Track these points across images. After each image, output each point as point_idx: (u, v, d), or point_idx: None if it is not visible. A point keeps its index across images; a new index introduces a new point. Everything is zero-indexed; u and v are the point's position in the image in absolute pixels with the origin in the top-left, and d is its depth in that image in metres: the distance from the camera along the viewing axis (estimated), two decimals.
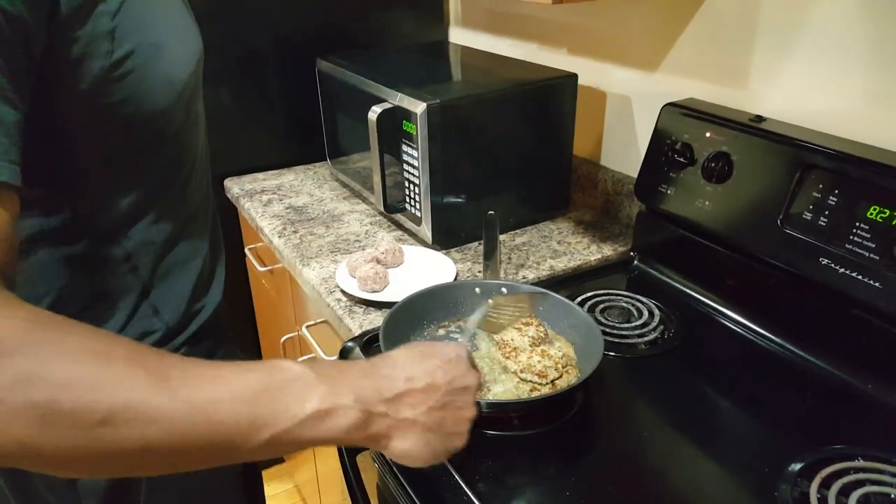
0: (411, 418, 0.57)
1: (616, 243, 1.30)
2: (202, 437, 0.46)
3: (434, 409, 0.58)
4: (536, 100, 1.30)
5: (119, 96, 0.64)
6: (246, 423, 0.47)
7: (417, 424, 0.57)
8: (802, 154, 0.94)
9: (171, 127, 0.73)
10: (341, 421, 0.52)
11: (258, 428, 0.48)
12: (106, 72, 0.62)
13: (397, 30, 1.79)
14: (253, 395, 0.48)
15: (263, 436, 0.48)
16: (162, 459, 0.47)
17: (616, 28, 1.33)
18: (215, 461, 0.48)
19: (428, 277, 1.15)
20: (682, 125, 1.11)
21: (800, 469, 0.75)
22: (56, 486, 0.77)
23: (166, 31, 0.68)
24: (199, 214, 0.85)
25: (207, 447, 0.47)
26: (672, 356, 0.97)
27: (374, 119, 1.23)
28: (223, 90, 1.61)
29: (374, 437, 0.55)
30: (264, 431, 0.48)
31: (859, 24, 0.93)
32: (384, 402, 0.55)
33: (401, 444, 0.56)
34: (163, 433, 0.45)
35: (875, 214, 0.86)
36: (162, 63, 0.67)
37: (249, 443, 0.48)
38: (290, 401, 0.49)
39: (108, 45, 0.61)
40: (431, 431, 0.58)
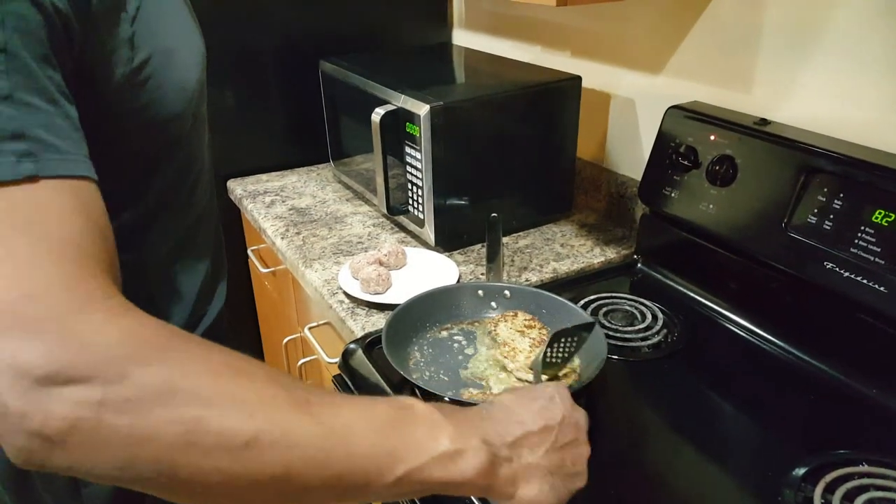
0: (534, 463, 0.55)
1: (619, 246, 1.29)
2: (340, 467, 0.44)
3: (552, 451, 0.57)
4: (540, 102, 1.29)
5: (140, 102, 0.64)
6: (383, 454, 0.46)
7: (540, 468, 0.55)
8: (807, 157, 0.94)
9: (181, 132, 0.74)
10: (472, 462, 0.50)
11: (394, 462, 0.46)
12: (127, 78, 0.62)
13: (400, 32, 1.79)
14: (388, 427, 0.47)
15: (398, 471, 0.46)
16: (297, 490, 0.44)
17: (620, 30, 1.33)
18: (344, 497, 0.46)
19: (431, 280, 1.15)
20: (686, 128, 1.10)
21: (804, 474, 0.75)
22: (61, 497, 0.77)
23: (176, 37, 0.69)
24: (204, 219, 0.85)
25: (343, 478, 0.44)
26: (675, 360, 0.97)
27: (377, 121, 1.23)
28: (226, 92, 1.61)
29: (500, 484, 0.53)
30: (399, 467, 0.46)
31: (867, 28, 0.93)
32: (507, 447, 0.54)
33: (528, 491, 0.54)
34: (304, 458, 0.43)
35: (880, 218, 0.85)
36: (175, 68, 0.68)
37: (384, 478, 0.46)
38: (421, 437, 0.48)
39: (129, 52, 0.61)
40: (553, 474, 0.56)
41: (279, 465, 0.42)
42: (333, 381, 0.97)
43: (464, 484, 0.50)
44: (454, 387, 0.88)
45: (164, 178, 0.74)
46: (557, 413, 0.59)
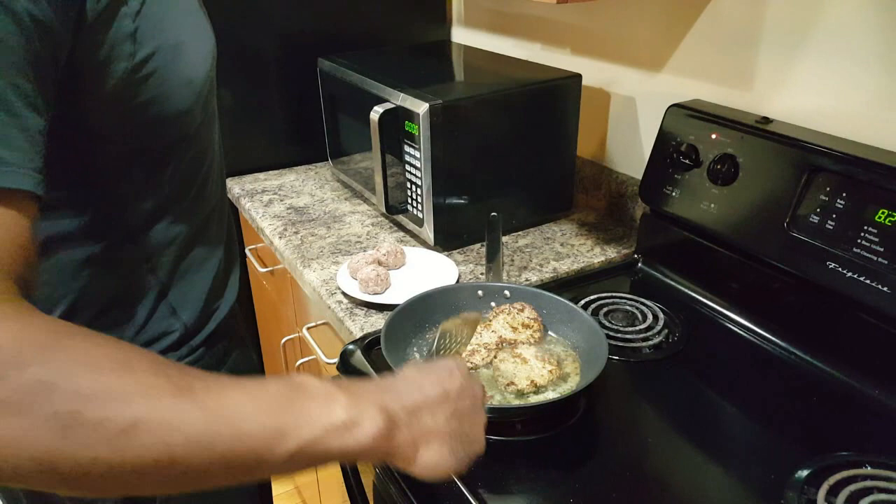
0: (434, 428, 0.56)
1: (620, 245, 1.29)
2: (227, 448, 0.44)
3: (451, 418, 0.58)
4: (540, 100, 1.29)
5: (143, 98, 0.64)
6: (272, 431, 0.46)
7: (440, 433, 0.56)
8: (809, 156, 0.93)
9: (191, 127, 0.73)
10: (368, 429, 0.50)
11: (284, 437, 0.46)
12: (129, 73, 0.62)
13: (399, 29, 1.78)
14: (278, 405, 0.47)
15: (289, 446, 0.46)
16: (184, 474, 0.44)
17: (620, 28, 1.32)
18: (239, 476, 0.46)
19: (430, 279, 1.14)
20: (687, 127, 1.10)
21: (807, 476, 0.74)
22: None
23: (185, 31, 0.68)
24: (216, 213, 0.84)
25: (232, 459, 0.45)
26: (676, 360, 0.96)
27: (375, 119, 1.23)
28: (224, 90, 1.60)
29: (400, 450, 0.54)
30: (290, 441, 0.46)
31: (868, 25, 0.92)
32: (405, 412, 0.54)
33: (428, 455, 0.55)
34: (187, 443, 0.43)
35: (883, 218, 0.85)
36: (182, 63, 0.67)
37: (275, 455, 0.46)
38: (314, 411, 0.48)
39: (131, 47, 0.61)
40: (453, 439, 0.58)
41: (160, 451, 0.42)
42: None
43: (363, 452, 0.50)
44: None
45: (175, 173, 0.74)
46: (455, 382, 0.60)
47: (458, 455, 0.58)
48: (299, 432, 0.47)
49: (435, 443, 0.56)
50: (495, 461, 0.79)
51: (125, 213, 0.72)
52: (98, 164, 0.67)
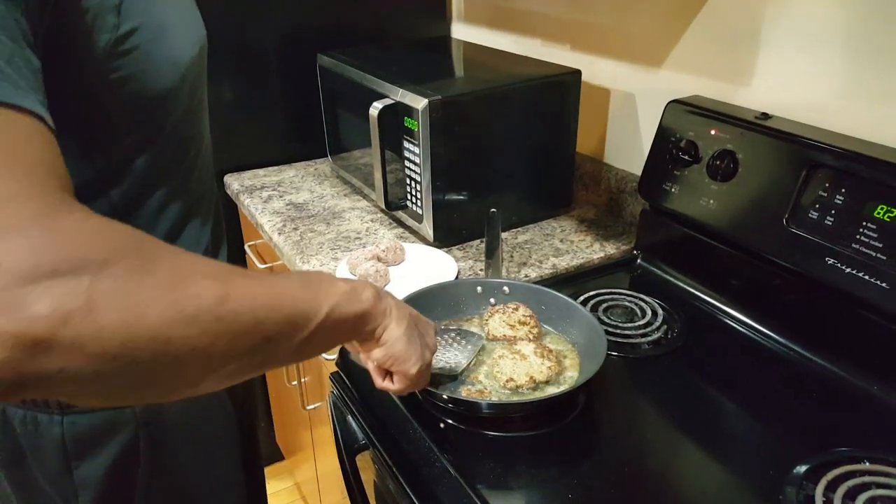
0: (402, 309, 0.70)
1: (619, 242, 1.29)
2: (289, 310, 0.54)
3: (412, 315, 0.72)
4: (539, 96, 1.28)
5: (124, 72, 0.64)
6: (311, 299, 0.57)
7: (405, 317, 0.70)
8: (809, 152, 0.93)
9: (174, 111, 0.73)
10: (365, 293, 0.64)
11: (319, 302, 0.57)
12: (112, 45, 0.62)
13: (399, 25, 1.78)
14: (306, 285, 0.58)
15: (325, 309, 0.57)
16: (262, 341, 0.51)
17: (620, 24, 1.32)
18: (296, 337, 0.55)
19: (429, 276, 1.14)
20: (686, 122, 1.09)
21: (805, 472, 0.74)
22: (55, 478, 0.77)
23: (170, 14, 0.69)
24: (202, 206, 0.84)
25: (293, 318, 0.54)
26: (675, 356, 0.96)
27: (375, 115, 1.22)
28: (224, 85, 1.60)
29: (383, 314, 0.66)
30: (324, 305, 0.57)
31: (867, 21, 0.92)
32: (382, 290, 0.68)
33: (397, 328, 0.68)
34: (263, 308, 0.51)
35: (882, 214, 0.84)
36: (166, 43, 0.67)
37: (318, 315, 0.57)
38: (326, 286, 0.60)
39: (115, 19, 0.62)
40: (414, 329, 0.71)
41: (248, 316, 0.49)
42: (331, 378, 0.97)
43: (365, 312, 0.64)
44: (453, 384, 0.88)
45: (156, 158, 0.74)
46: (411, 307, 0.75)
47: (415, 345, 0.71)
48: (326, 298, 0.58)
49: (402, 322, 0.69)
50: (494, 458, 0.79)
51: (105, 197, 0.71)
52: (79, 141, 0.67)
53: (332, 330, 0.59)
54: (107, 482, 0.78)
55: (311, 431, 1.58)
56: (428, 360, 0.74)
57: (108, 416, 0.75)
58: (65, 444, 0.75)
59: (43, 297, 0.38)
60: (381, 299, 0.67)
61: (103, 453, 0.76)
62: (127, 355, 0.42)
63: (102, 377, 0.42)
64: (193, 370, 0.47)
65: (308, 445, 1.65)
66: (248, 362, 0.52)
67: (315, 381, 1.43)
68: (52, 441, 0.75)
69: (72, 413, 0.74)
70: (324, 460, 1.53)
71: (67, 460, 0.76)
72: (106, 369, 0.41)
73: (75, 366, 0.40)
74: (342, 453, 0.91)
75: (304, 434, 1.66)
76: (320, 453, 1.56)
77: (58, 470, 0.76)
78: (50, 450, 0.75)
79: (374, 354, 0.70)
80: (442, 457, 0.78)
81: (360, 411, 0.89)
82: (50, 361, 0.39)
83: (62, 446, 0.75)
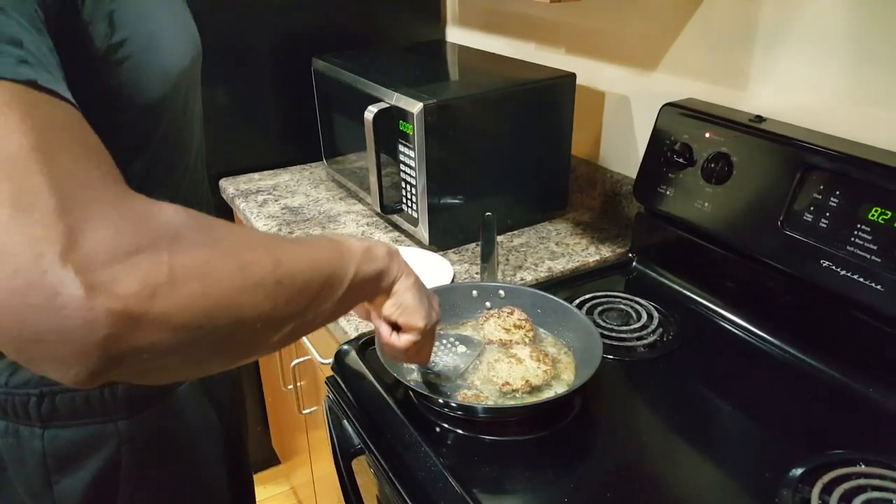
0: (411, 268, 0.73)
1: (615, 244, 1.29)
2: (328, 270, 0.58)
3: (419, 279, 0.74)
4: (534, 100, 1.28)
5: (115, 81, 0.64)
6: (340, 258, 0.60)
7: (413, 273, 0.73)
8: (803, 155, 0.93)
9: (164, 120, 0.72)
10: (380, 252, 0.67)
11: (346, 263, 0.61)
12: (104, 54, 0.62)
13: (394, 29, 1.78)
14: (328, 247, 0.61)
15: (352, 268, 0.61)
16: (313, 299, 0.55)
17: (614, 27, 1.32)
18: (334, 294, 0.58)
19: (425, 279, 1.13)
20: (681, 125, 1.10)
21: (801, 474, 0.74)
22: (35, 493, 0.76)
23: (162, 23, 0.68)
24: None
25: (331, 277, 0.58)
26: (671, 359, 0.96)
27: (370, 119, 1.22)
28: (219, 89, 1.60)
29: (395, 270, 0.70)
30: (350, 265, 0.61)
31: (861, 25, 0.93)
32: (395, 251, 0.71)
33: (408, 280, 0.71)
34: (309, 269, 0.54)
35: (876, 216, 0.85)
36: (157, 53, 0.67)
37: (349, 273, 0.60)
38: (347, 248, 0.62)
39: (107, 28, 0.61)
40: (422, 287, 0.74)
41: (298, 278, 0.53)
42: (326, 382, 0.96)
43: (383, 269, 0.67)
44: (449, 388, 0.88)
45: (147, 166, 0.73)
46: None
47: (424, 302, 0.74)
48: (352, 259, 0.62)
49: (413, 277, 0.72)
50: (490, 462, 0.79)
51: None
52: None
53: (358, 288, 0.62)
54: (87, 497, 0.76)
55: (307, 435, 1.57)
56: (434, 321, 0.75)
57: (90, 430, 0.74)
58: (45, 459, 0.73)
59: (131, 274, 0.40)
60: (394, 256, 0.70)
61: (84, 468, 0.75)
62: (207, 324, 0.44)
63: (187, 347, 0.44)
64: (262, 333, 0.50)
65: (304, 449, 1.65)
66: (301, 322, 0.55)
67: (311, 385, 1.42)
68: (32, 454, 0.73)
69: (53, 427, 0.72)
70: (320, 464, 1.53)
71: (48, 474, 0.74)
72: (190, 339, 0.44)
73: (165, 338, 0.42)
74: (338, 458, 0.90)
75: (300, 438, 1.65)
76: (316, 457, 1.56)
77: (38, 484, 0.75)
78: (31, 463, 0.74)
79: (385, 307, 0.72)
80: (438, 461, 0.78)
81: (356, 415, 0.89)
82: (143, 336, 0.41)
83: (43, 460, 0.74)
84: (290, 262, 0.52)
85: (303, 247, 0.56)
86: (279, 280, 0.50)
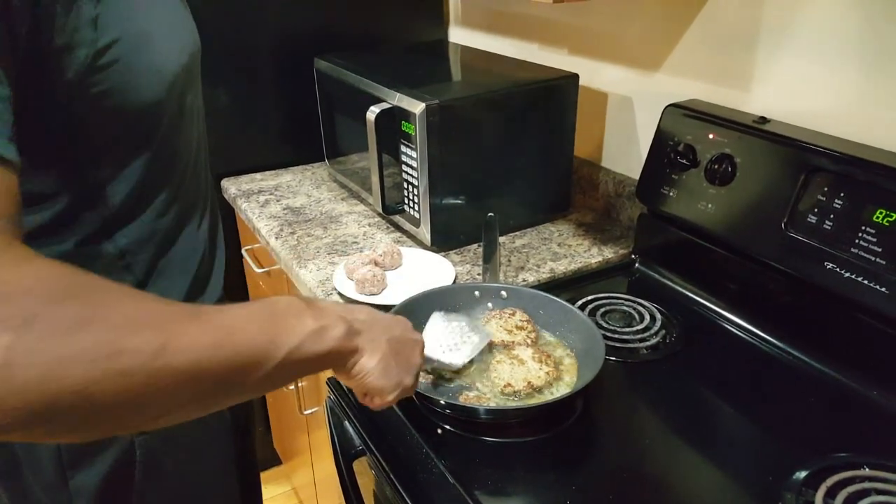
0: (378, 341, 0.66)
1: (617, 246, 1.28)
2: (238, 358, 0.51)
3: (392, 341, 0.68)
4: (537, 100, 1.28)
5: (104, 86, 0.63)
6: (266, 342, 0.54)
7: (381, 349, 0.66)
8: (807, 156, 0.93)
9: (162, 121, 0.72)
10: (334, 333, 0.60)
11: (275, 346, 0.54)
12: (91, 59, 0.61)
13: (396, 29, 1.78)
14: (266, 322, 0.55)
15: (282, 353, 0.54)
16: (206, 388, 0.50)
17: (618, 28, 1.32)
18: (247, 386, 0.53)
19: (426, 280, 1.14)
20: (684, 126, 1.09)
21: (804, 477, 0.74)
22: (50, 487, 0.77)
23: (154, 22, 0.67)
24: (197, 211, 0.83)
25: (241, 367, 0.52)
26: (674, 361, 0.96)
27: (372, 119, 1.22)
28: (220, 89, 1.60)
29: (353, 351, 0.63)
30: (281, 349, 0.54)
31: (864, 26, 0.92)
32: (358, 322, 0.64)
33: (370, 362, 0.65)
34: (208, 356, 0.48)
35: (881, 218, 0.84)
36: (149, 53, 0.66)
37: (273, 360, 0.54)
38: (292, 322, 0.57)
39: (93, 34, 0.60)
40: (391, 358, 0.67)
41: (188, 367, 0.47)
42: (328, 383, 0.96)
43: (331, 353, 0.60)
44: (451, 389, 0.87)
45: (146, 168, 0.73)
46: (400, 325, 0.72)
47: (390, 373, 0.67)
48: (285, 340, 0.55)
49: (377, 353, 0.66)
50: (492, 463, 0.78)
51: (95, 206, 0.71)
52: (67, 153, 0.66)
53: (293, 368, 0.57)
54: (102, 491, 0.77)
55: (309, 436, 1.57)
56: (407, 385, 0.71)
57: None
58: (60, 453, 0.75)
59: None
60: (353, 337, 0.63)
61: (99, 462, 0.76)
62: (47, 410, 0.41)
63: (23, 427, 0.41)
64: (124, 418, 0.46)
65: (305, 450, 1.64)
66: (192, 407, 0.50)
67: (312, 386, 1.42)
68: (47, 450, 0.74)
69: None
70: (321, 465, 1.53)
71: (63, 469, 0.75)
72: (25, 421, 0.41)
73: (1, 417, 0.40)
74: (339, 459, 0.90)
75: (302, 438, 1.65)
76: (317, 458, 1.55)
77: (53, 479, 0.76)
78: (45, 459, 0.75)
79: (348, 384, 0.68)
80: (439, 462, 0.77)
81: (357, 417, 0.88)
82: None
83: (58, 455, 0.75)
84: (181, 348, 0.47)
85: (216, 326, 0.51)
86: (156, 370, 0.45)
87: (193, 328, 0.48)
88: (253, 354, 0.52)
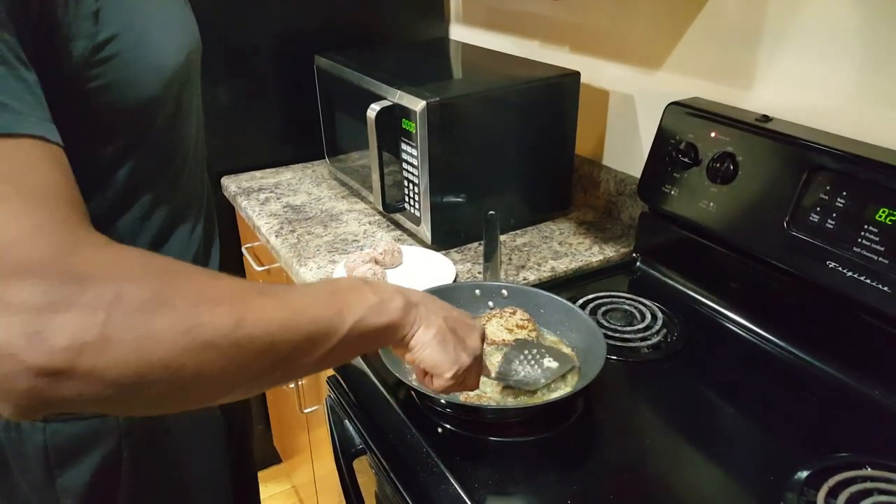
0: (435, 315, 0.68)
1: (618, 244, 1.28)
2: (307, 329, 0.54)
3: (448, 320, 0.69)
4: (538, 98, 1.28)
5: (102, 81, 0.63)
6: (333, 314, 0.57)
7: (437, 323, 0.68)
8: (809, 155, 0.92)
9: (159, 117, 0.72)
10: (393, 305, 0.63)
11: (342, 317, 0.57)
12: (90, 53, 0.61)
13: (397, 27, 1.77)
14: (329, 298, 0.58)
15: (348, 324, 0.58)
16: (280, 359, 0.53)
17: (619, 25, 1.32)
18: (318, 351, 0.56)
19: (427, 279, 1.14)
20: (686, 125, 1.09)
21: (806, 477, 0.73)
22: (37, 486, 0.77)
23: (153, 19, 0.67)
24: (192, 210, 0.83)
25: (312, 336, 0.55)
26: (675, 360, 0.96)
27: (372, 117, 1.22)
28: (221, 87, 1.59)
29: (411, 323, 0.66)
30: (348, 320, 0.58)
31: (867, 22, 0.92)
32: (416, 296, 0.67)
33: (426, 334, 0.67)
34: (280, 329, 0.52)
35: (884, 217, 0.84)
36: (148, 50, 0.66)
37: (339, 332, 0.57)
38: (354, 296, 0.60)
39: (92, 27, 0.60)
40: (447, 333, 0.68)
41: (264, 339, 0.50)
42: (328, 381, 0.96)
43: (392, 324, 0.63)
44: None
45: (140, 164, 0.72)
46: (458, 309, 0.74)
47: (447, 346, 0.68)
48: (351, 312, 0.59)
49: (433, 327, 0.67)
50: (492, 463, 0.78)
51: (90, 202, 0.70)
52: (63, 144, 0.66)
53: (357, 341, 0.60)
54: (90, 490, 0.77)
55: (309, 434, 1.57)
56: (465, 364, 0.70)
57: (92, 424, 0.74)
58: (47, 452, 0.74)
59: (61, 332, 0.42)
60: (411, 309, 0.66)
61: (86, 461, 0.75)
62: (141, 381, 0.45)
63: (120, 398, 0.45)
64: (208, 389, 0.50)
65: (305, 448, 1.64)
66: (266, 378, 0.54)
67: (312, 384, 1.42)
68: (34, 448, 0.74)
69: (55, 421, 0.73)
70: (321, 463, 1.52)
71: (50, 468, 0.75)
72: (122, 392, 0.45)
73: (93, 390, 0.44)
74: (339, 458, 0.90)
75: (302, 437, 1.65)
76: (318, 456, 1.55)
77: (40, 477, 0.76)
78: (33, 457, 0.74)
79: (406, 358, 0.69)
80: (440, 462, 0.77)
81: (358, 415, 0.88)
82: (69, 388, 0.43)
83: (45, 454, 0.74)
84: (257, 321, 0.50)
85: (285, 301, 0.54)
86: (236, 341, 0.48)
87: (267, 302, 0.52)
88: (321, 327, 0.55)
